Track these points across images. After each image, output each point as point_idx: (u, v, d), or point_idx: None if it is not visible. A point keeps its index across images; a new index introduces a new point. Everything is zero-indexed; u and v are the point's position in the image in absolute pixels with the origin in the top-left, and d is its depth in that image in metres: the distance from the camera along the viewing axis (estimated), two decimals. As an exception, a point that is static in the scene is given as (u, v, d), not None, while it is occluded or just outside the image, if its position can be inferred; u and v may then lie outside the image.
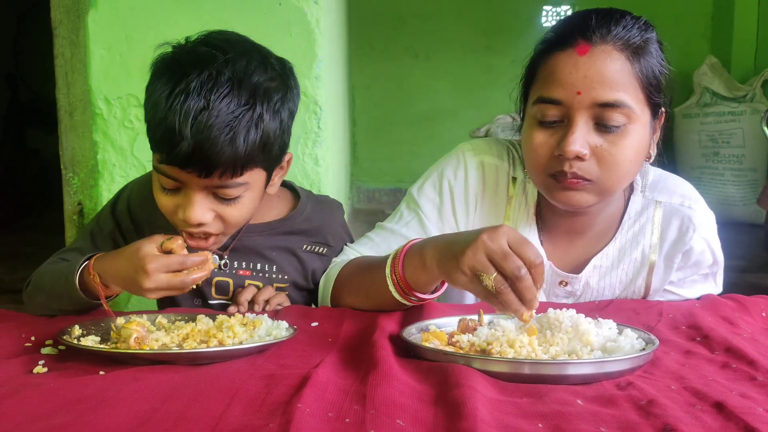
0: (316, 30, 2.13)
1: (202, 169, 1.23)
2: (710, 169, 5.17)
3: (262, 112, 1.26)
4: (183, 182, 1.28)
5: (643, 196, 1.49)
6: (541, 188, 1.40)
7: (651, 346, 1.07)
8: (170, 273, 1.21)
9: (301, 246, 1.57)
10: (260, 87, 1.27)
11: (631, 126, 1.29)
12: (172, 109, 1.20)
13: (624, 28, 1.29)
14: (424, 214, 1.53)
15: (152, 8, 2.10)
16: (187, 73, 1.22)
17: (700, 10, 5.78)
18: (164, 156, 1.24)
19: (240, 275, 1.54)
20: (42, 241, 2.63)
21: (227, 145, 1.22)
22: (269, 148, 1.30)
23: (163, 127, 1.22)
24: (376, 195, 6.08)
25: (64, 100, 2.21)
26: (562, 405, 0.87)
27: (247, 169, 1.28)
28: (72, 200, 2.23)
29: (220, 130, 1.21)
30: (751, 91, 4.97)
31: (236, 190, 1.30)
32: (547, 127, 1.33)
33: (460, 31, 6.11)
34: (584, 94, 1.27)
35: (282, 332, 1.17)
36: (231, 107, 1.22)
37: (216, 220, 1.32)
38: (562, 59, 1.29)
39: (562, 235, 1.50)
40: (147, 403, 0.87)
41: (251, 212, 1.38)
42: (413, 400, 0.89)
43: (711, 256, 1.49)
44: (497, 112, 5.14)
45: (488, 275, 1.07)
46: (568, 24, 1.34)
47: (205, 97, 1.21)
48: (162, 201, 1.33)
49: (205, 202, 1.29)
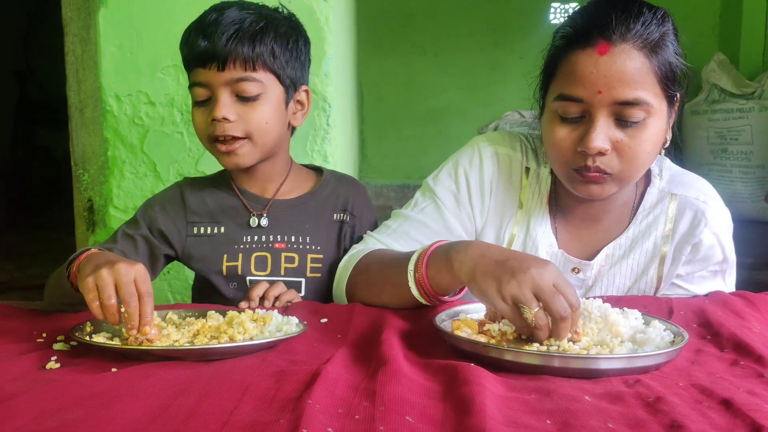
0: (325, 28, 2.14)
1: (218, 60, 1.46)
2: (718, 165, 5.15)
3: (267, 24, 1.50)
4: (209, 84, 1.49)
5: (659, 188, 1.50)
6: (564, 180, 1.43)
7: (680, 338, 1.08)
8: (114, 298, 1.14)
9: (331, 216, 1.68)
10: (267, 13, 1.54)
11: (649, 119, 1.31)
12: (194, 24, 1.51)
13: (643, 24, 1.30)
14: (440, 201, 1.56)
15: (162, 6, 2.11)
16: (209, 8, 1.52)
17: (708, 8, 5.76)
18: (190, 61, 1.51)
19: (276, 249, 1.62)
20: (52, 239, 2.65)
21: (234, 38, 1.46)
22: (279, 59, 1.52)
23: (187, 39, 1.50)
24: (384, 191, 6.08)
25: (74, 98, 2.22)
26: (570, 401, 0.88)
27: (258, 66, 1.49)
28: (82, 197, 2.24)
29: (228, 26, 1.46)
30: (760, 88, 4.94)
31: (253, 86, 1.49)
32: (569, 123, 1.35)
33: (469, 28, 6.10)
34: (605, 93, 1.29)
35: (292, 328, 1.18)
36: (240, 14, 1.49)
37: (240, 122, 1.49)
38: (583, 58, 1.30)
39: (576, 222, 1.53)
40: (159, 399, 0.88)
41: (274, 124, 1.54)
42: (422, 397, 0.89)
43: (721, 253, 1.49)
44: (505, 109, 5.13)
45: (530, 309, 1.07)
46: (588, 20, 1.34)
47: (218, 11, 1.49)
48: (196, 117, 1.53)
49: (228, 101, 1.48)
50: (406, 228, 1.56)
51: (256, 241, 1.62)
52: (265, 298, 1.45)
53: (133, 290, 1.12)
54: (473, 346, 1.05)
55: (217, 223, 1.63)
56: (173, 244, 1.62)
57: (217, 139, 1.50)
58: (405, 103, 6.22)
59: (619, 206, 1.51)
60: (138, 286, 1.13)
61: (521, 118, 4.89)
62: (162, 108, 2.16)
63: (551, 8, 6.09)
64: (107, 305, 1.12)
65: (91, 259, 1.23)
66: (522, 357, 1.01)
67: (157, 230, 1.61)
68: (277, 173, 1.66)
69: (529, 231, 1.53)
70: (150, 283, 1.16)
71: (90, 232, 2.24)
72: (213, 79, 1.48)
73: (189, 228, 1.62)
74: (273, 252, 1.62)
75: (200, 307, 1.35)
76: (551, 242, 1.52)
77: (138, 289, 1.13)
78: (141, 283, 1.14)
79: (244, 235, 1.62)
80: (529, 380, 0.97)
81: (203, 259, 1.62)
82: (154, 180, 2.17)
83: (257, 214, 1.63)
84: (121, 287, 1.12)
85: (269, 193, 1.65)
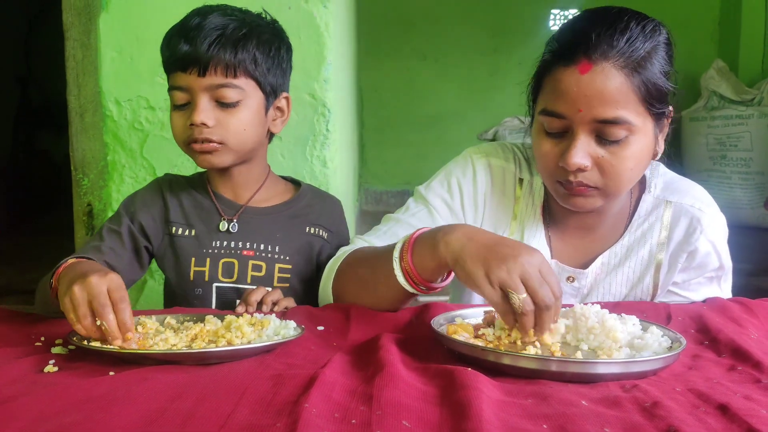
0: (326, 33, 2.15)
1: (199, 66, 1.46)
2: (717, 172, 5.16)
3: (250, 31, 1.50)
4: (189, 88, 1.48)
5: (654, 196, 1.50)
6: (551, 191, 1.44)
7: (678, 344, 1.08)
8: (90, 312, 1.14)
9: (304, 228, 1.66)
10: (250, 20, 1.54)
11: (632, 137, 1.31)
12: (176, 27, 1.50)
13: (627, 41, 1.28)
14: (433, 207, 1.56)
15: (163, 11, 2.12)
16: (191, 12, 1.52)
17: (707, 15, 5.77)
18: (171, 65, 1.50)
19: (244, 255, 1.61)
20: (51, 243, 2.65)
21: (217, 44, 1.46)
22: (260, 66, 1.52)
23: (169, 42, 1.50)
24: (384, 197, 6.09)
25: (74, 102, 2.23)
26: (567, 406, 0.88)
27: (240, 72, 1.49)
28: (81, 201, 2.24)
29: (210, 32, 1.46)
30: (759, 95, 4.96)
31: (233, 93, 1.49)
32: (553, 137, 1.36)
33: (468, 34, 6.11)
34: (585, 111, 1.29)
35: (290, 332, 1.18)
36: (223, 20, 1.49)
37: (218, 127, 1.49)
38: (566, 75, 1.30)
39: (570, 232, 1.53)
40: (156, 403, 0.88)
41: (252, 131, 1.54)
42: (419, 401, 0.90)
43: (717, 260, 1.50)
44: (505, 115, 5.14)
45: (518, 295, 1.07)
46: (573, 36, 1.33)
47: (202, 15, 1.49)
48: (174, 120, 1.53)
49: (207, 106, 1.48)
50: (396, 230, 1.55)
51: (225, 247, 1.61)
52: (263, 302, 1.45)
53: (106, 301, 1.11)
54: (471, 349, 1.06)
55: (189, 225, 1.62)
56: (151, 240, 1.62)
57: (193, 141, 1.50)
58: (405, 108, 6.23)
59: (613, 215, 1.51)
60: (111, 296, 1.12)
61: (520, 124, 4.90)
62: (162, 113, 2.17)
63: (551, 14, 6.11)
64: (84, 324, 1.11)
65: (66, 274, 1.23)
66: (520, 361, 1.01)
67: (138, 224, 1.61)
68: (253, 179, 1.65)
69: (523, 241, 1.52)
70: (124, 290, 1.14)
71: (89, 236, 2.24)
72: (193, 84, 1.48)
73: (166, 226, 1.63)
74: (240, 258, 1.60)
75: (198, 311, 1.35)
76: (545, 252, 1.52)
77: (112, 298, 1.11)
78: (114, 291, 1.12)
79: (214, 240, 1.61)
80: (526, 385, 0.97)
81: (173, 262, 1.62)
82: (153, 184, 2.17)
83: (227, 219, 1.62)
84: (94, 301, 1.11)
85: (243, 199, 1.65)
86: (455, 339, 1.09)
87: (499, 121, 5.14)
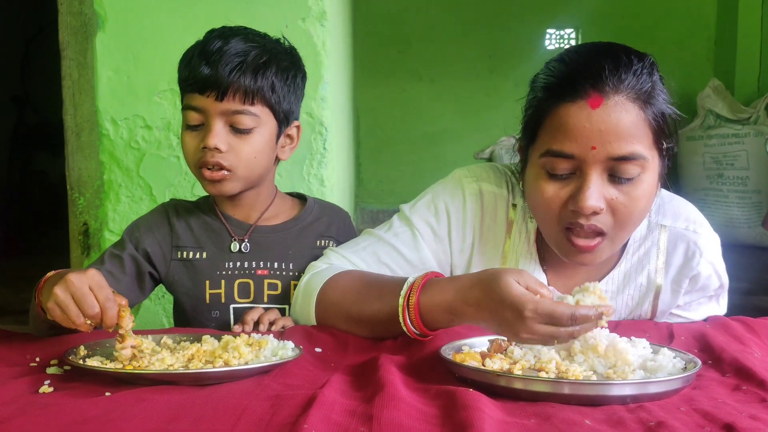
0: (322, 52, 2.15)
1: (218, 90, 1.45)
2: (714, 191, 5.16)
3: (270, 59, 1.50)
4: (204, 110, 1.47)
5: (647, 220, 1.48)
6: (553, 244, 1.36)
7: (692, 365, 1.06)
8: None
9: (314, 242, 1.65)
10: (270, 46, 1.53)
11: (644, 174, 1.26)
12: (198, 49, 1.49)
13: (635, 75, 1.23)
14: (417, 230, 1.49)
15: (159, 30, 2.12)
16: (213, 32, 1.52)
17: (703, 34, 5.80)
18: (189, 85, 1.49)
19: (259, 275, 1.60)
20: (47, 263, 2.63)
21: (238, 70, 1.45)
22: (277, 95, 1.51)
23: (188, 63, 1.49)
24: (380, 216, 6.06)
25: (71, 121, 2.22)
26: (570, 426, 0.87)
27: (257, 100, 1.49)
28: (77, 220, 2.23)
29: (232, 58, 1.46)
30: (755, 114, 4.97)
31: (249, 120, 1.48)
32: (558, 180, 1.28)
33: (464, 54, 6.13)
34: (599, 149, 1.22)
35: (288, 352, 1.17)
36: (245, 46, 1.48)
37: (230, 153, 1.48)
38: (574, 111, 1.23)
39: (565, 263, 1.45)
40: (153, 424, 0.87)
41: (262, 158, 1.53)
42: (420, 422, 0.88)
43: (717, 280, 1.49)
44: (501, 134, 5.15)
45: (559, 337, 1.06)
46: (575, 70, 1.26)
47: (223, 39, 1.48)
48: (185, 139, 1.52)
49: (222, 131, 1.48)
50: (375, 249, 1.50)
51: (238, 267, 1.60)
52: (260, 322, 1.44)
53: (92, 301, 1.13)
54: (484, 375, 1.02)
55: (200, 248, 1.61)
56: (157, 267, 1.61)
57: (204, 164, 1.49)
58: (401, 128, 6.24)
59: None
60: (96, 295, 1.14)
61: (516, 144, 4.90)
62: (158, 132, 2.16)
63: (546, 34, 6.13)
64: (78, 324, 1.14)
65: (47, 285, 1.25)
66: (533, 385, 0.99)
67: (143, 251, 1.59)
68: (261, 201, 1.64)
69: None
70: (107, 287, 1.16)
71: (85, 256, 2.23)
72: (209, 107, 1.47)
73: (174, 252, 1.61)
74: (256, 278, 1.60)
75: (195, 331, 1.33)
76: (542, 280, 1.47)
77: (97, 298, 1.14)
78: (97, 291, 1.15)
79: (226, 261, 1.60)
80: (528, 405, 0.96)
81: (187, 286, 1.60)
82: (150, 204, 2.16)
83: (238, 239, 1.61)
84: (80, 302, 1.13)
85: (252, 219, 1.64)
86: (465, 365, 1.06)
87: (495, 140, 5.15)
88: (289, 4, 2.14)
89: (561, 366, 1.06)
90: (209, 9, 2.13)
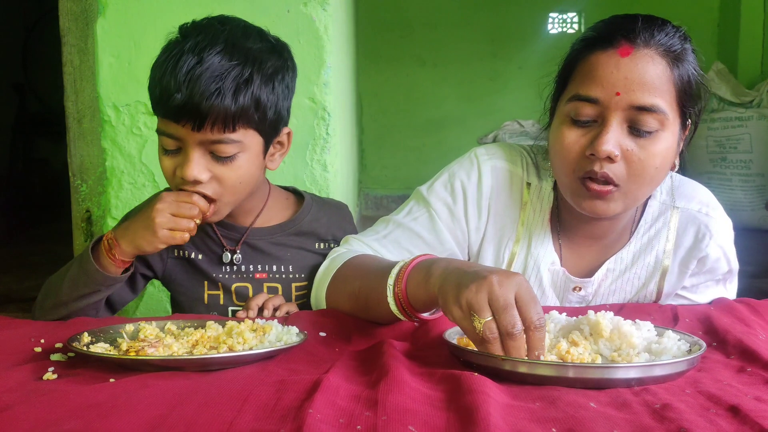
0: (325, 37, 2.14)
1: (195, 120, 1.31)
2: (718, 174, 5.15)
3: (252, 72, 1.34)
4: (181, 138, 1.35)
5: (659, 201, 1.48)
6: (568, 192, 1.38)
7: (697, 347, 1.06)
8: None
9: (314, 245, 1.60)
10: (253, 52, 1.36)
11: (662, 132, 1.29)
12: (169, 67, 1.31)
13: (666, 35, 1.29)
14: (435, 211, 1.50)
15: (160, 15, 2.11)
16: (186, 37, 1.35)
17: (706, 17, 5.78)
18: (161, 111, 1.35)
19: (257, 279, 1.56)
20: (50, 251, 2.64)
21: (216, 96, 1.30)
22: (262, 110, 1.37)
23: (159, 84, 1.33)
24: (384, 202, 6.07)
25: (72, 108, 2.22)
26: (576, 409, 0.87)
27: (239, 126, 1.35)
28: (80, 207, 2.23)
29: (209, 82, 1.29)
30: (758, 97, 4.95)
31: (230, 147, 1.35)
32: (580, 126, 1.32)
33: (467, 39, 6.11)
34: (623, 95, 1.27)
35: (293, 338, 1.17)
36: (222, 63, 1.31)
37: (212, 182, 1.38)
38: (603, 59, 1.29)
39: (580, 240, 1.49)
40: (157, 410, 0.87)
41: (249, 179, 1.43)
42: (425, 406, 0.88)
43: (726, 264, 1.49)
44: (504, 119, 5.13)
45: (480, 318, 0.99)
46: (612, 24, 1.33)
47: (197, 54, 1.31)
48: (164, 163, 1.40)
49: (201, 160, 1.36)
50: (397, 235, 1.50)
51: (235, 271, 1.56)
52: (264, 308, 1.44)
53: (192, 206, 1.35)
54: (489, 360, 1.01)
55: (197, 248, 1.57)
56: (152, 266, 1.56)
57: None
58: (404, 113, 6.23)
59: (621, 224, 1.48)
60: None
61: (520, 128, 4.89)
62: (160, 118, 2.15)
63: (549, 18, 6.11)
64: (192, 215, 1.38)
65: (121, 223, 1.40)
66: (537, 368, 0.98)
67: None
68: (254, 206, 1.57)
69: (530, 249, 1.49)
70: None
71: (87, 243, 2.23)
72: (186, 137, 1.34)
73: (171, 249, 1.56)
74: (254, 282, 1.56)
75: (199, 317, 1.33)
76: (554, 260, 1.48)
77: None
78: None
79: (223, 266, 1.57)
80: (534, 388, 0.96)
81: (185, 286, 1.57)
82: (153, 190, 2.16)
83: (230, 249, 1.56)
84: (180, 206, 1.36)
85: (247, 222, 1.58)
86: (471, 349, 1.04)
87: (499, 125, 5.13)
88: (290, -11, 2.12)
89: (565, 349, 1.05)
90: (210, -6, 2.12)
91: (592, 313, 1.13)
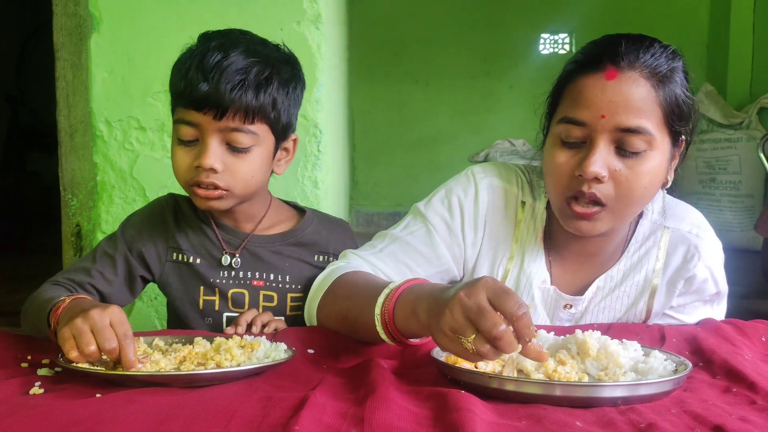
0: (317, 55, 2.15)
1: (218, 109, 1.38)
2: (707, 195, 5.17)
3: (272, 73, 1.43)
4: (200, 126, 1.41)
5: (651, 221, 1.50)
6: (558, 212, 1.41)
7: (683, 367, 1.07)
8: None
9: (313, 257, 1.62)
10: (272, 57, 1.46)
11: (650, 152, 1.31)
12: (195, 62, 1.40)
13: (652, 56, 1.31)
14: (432, 226, 1.52)
15: (154, 32, 2.12)
16: (209, 40, 1.43)
17: (695, 39, 5.81)
18: (184, 101, 1.41)
19: (254, 286, 1.58)
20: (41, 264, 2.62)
21: (240, 88, 1.38)
22: (277, 111, 1.45)
23: (185, 76, 1.40)
24: (375, 219, 6.07)
25: (64, 122, 2.22)
26: (561, 427, 0.87)
27: (257, 119, 1.42)
28: (70, 222, 2.23)
29: (234, 75, 1.38)
30: (747, 118, 4.98)
31: (247, 138, 1.42)
32: (570, 148, 1.35)
33: (460, 58, 6.13)
34: (608, 118, 1.29)
35: (281, 354, 1.17)
36: (246, 60, 1.40)
37: (226, 173, 1.43)
38: (590, 82, 1.31)
39: (571, 257, 1.51)
40: (143, 426, 0.86)
41: (259, 176, 1.48)
42: (411, 423, 0.88)
43: (714, 286, 1.49)
44: (495, 137, 5.14)
45: (466, 338, 0.98)
46: (598, 47, 1.36)
47: (223, 51, 1.39)
48: (178, 156, 1.45)
49: (218, 150, 1.42)
50: (393, 249, 1.51)
51: (233, 277, 1.57)
52: (253, 324, 1.44)
53: (111, 335, 1.09)
54: (476, 377, 1.01)
55: (195, 253, 1.58)
56: (151, 268, 1.57)
57: (197, 184, 1.44)
58: (396, 130, 6.24)
59: (614, 242, 1.49)
60: (115, 330, 1.10)
61: (511, 147, 4.90)
62: (152, 133, 2.16)
63: (541, 39, 6.14)
64: (88, 353, 1.08)
65: (66, 312, 1.20)
66: (524, 387, 0.98)
67: (136, 251, 1.56)
68: (256, 212, 1.60)
69: (523, 266, 1.51)
70: (127, 324, 1.12)
71: (77, 257, 2.23)
72: (206, 124, 1.41)
73: (169, 253, 1.58)
74: (250, 289, 1.57)
75: (187, 333, 1.33)
76: (545, 278, 1.50)
77: (116, 333, 1.10)
78: (117, 326, 1.10)
79: (221, 270, 1.58)
80: (520, 407, 0.96)
81: (181, 290, 1.58)
82: (143, 204, 2.16)
83: (230, 253, 1.57)
84: (98, 334, 1.09)
85: (247, 229, 1.60)
86: (458, 367, 1.05)
87: (490, 143, 5.14)
88: (284, 7, 2.14)
89: (552, 368, 1.06)
90: (204, 11, 2.13)
91: (580, 332, 1.14)
